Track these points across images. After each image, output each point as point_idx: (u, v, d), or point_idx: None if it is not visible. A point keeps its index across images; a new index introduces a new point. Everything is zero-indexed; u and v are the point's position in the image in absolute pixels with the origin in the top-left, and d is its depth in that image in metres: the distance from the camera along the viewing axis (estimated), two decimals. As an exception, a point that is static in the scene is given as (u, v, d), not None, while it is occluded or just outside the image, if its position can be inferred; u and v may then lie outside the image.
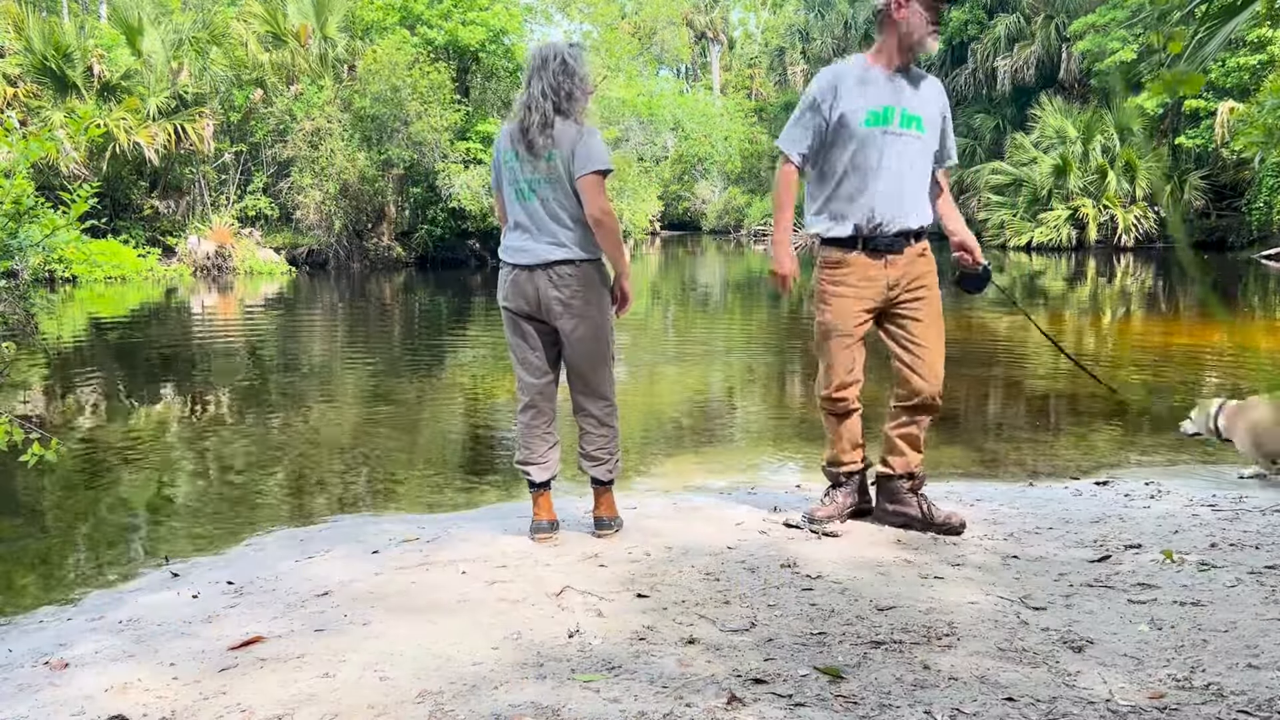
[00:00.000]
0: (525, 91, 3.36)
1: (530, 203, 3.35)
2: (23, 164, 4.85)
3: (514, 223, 3.42)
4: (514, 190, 3.39)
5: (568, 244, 3.35)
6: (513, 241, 3.43)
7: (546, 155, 3.31)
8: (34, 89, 19.97)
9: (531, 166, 3.33)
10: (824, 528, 3.50)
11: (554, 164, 3.31)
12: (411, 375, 8.82)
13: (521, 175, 3.35)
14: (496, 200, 3.52)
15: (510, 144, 3.38)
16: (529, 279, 3.38)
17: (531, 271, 3.38)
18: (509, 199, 3.42)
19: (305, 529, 4.07)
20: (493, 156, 3.50)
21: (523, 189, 3.36)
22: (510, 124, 3.43)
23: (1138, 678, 2.23)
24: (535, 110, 3.31)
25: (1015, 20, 30.57)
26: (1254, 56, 21.38)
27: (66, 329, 12.08)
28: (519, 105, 3.38)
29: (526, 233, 3.38)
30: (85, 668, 2.45)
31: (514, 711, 2.09)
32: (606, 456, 3.54)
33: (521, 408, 3.56)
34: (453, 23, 22.87)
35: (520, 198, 3.37)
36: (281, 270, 21.06)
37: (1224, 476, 4.76)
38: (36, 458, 3.98)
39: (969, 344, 10.10)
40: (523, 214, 3.38)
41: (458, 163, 21.83)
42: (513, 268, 3.43)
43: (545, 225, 3.36)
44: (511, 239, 3.44)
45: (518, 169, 3.36)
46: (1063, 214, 25.27)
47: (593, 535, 3.52)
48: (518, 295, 3.43)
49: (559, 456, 3.62)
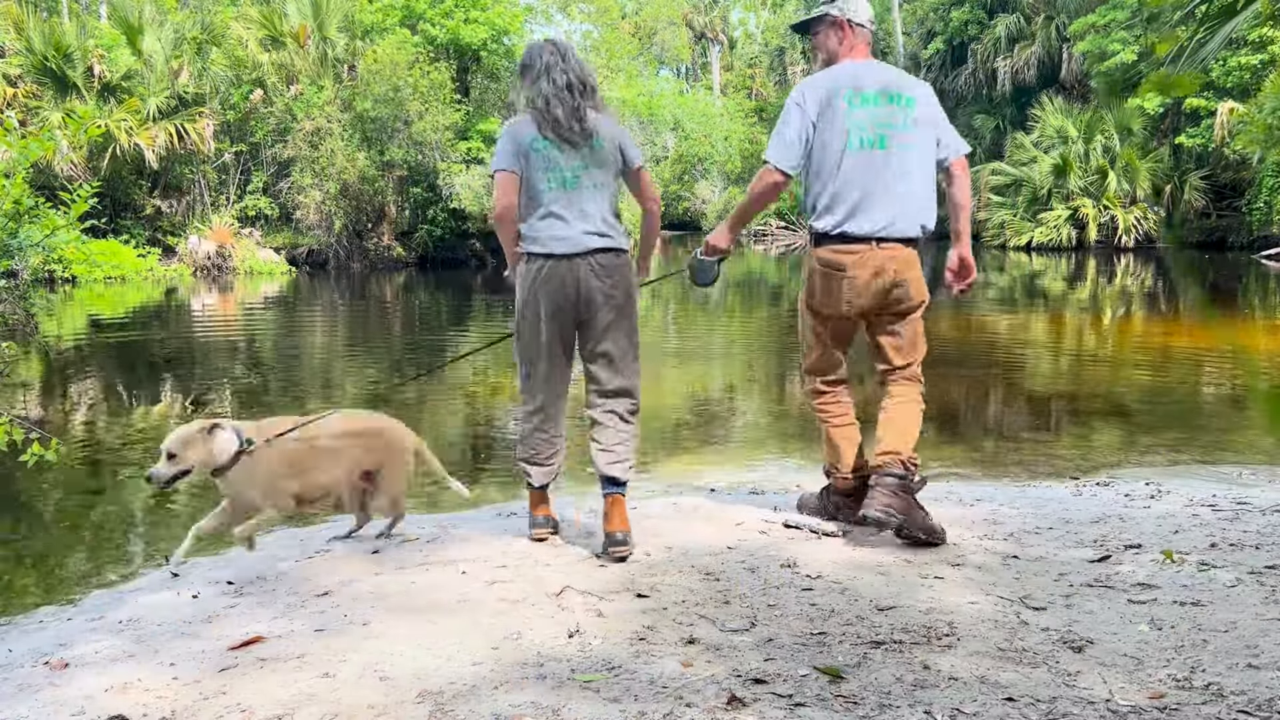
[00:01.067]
0: (545, 82, 3.26)
1: (573, 190, 3.25)
2: (23, 164, 4.85)
3: (546, 212, 3.26)
4: (556, 179, 3.25)
5: (609, 233, 3.29)
6: (546, 231, 3.26)
7: (592, 143, 3.26)
8: (34, 89, 19.97)
9: (575, 154, 3.25)
10: (824, 527, 3.51)
11: (600, 152, 3.27)
12: (411, 375, 8.81)
13: (565, 164, 3.24)
14: (509, 191, 3.28)
15: (541, 133, 3.25)
16: (569, 269, 3.24)
17: (571, 261, 3.24)
18: (543, 188, 3.25)
19: (305, 529, 4.07)
20: (507, 146, 3.28)
21: (567, 177, 3.25)
22: (530, 114, 3.29)
23: (1138, 678, 2.23)
24: (567, 101, 3.23)
25: (1015, 20, 30.57)
26: (1255, 56, 21.38)
27: (66, 329, 12.08)
28: (543, 95, 3.26)
29: (563, 221, 3.25)
30: (85, 668, 2.45)
31: (514, 711, 2.09)
32: (628, 454, 3.38)
33: (532, 410, 3.43)
34: (454, 21, 22.88)
35: (564, 186, 3.25)
36: (281, 270, 21.06)
37: (1224, 476, 4.76)
38: (36, 458, 3.98)
39: (969, 344, 10.11)
40: (562, 202, 3.25)
41: (458, 162, 21.83)
42: (546, 258, 3.26)
43: (588, 213, 3.26)
44: (543, 228, 3.27)
45: (559, 158, 3.24)
46: (1063, 214, 25.26)
47: (600, 555, 3.23)
48: (555, 288, 3.26)
49: (563, 460, 3.56)
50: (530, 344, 3.37)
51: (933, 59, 33.32)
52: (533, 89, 3.31)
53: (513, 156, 3.27)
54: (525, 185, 3.28)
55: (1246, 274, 18.49)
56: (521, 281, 3.33)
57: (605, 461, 3.34)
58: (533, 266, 3.29)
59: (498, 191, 3.30)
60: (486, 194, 21.63)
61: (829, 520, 3.59)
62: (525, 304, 3.32)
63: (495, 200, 3.31)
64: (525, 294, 3.31)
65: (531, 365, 3.41)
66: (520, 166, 3.27)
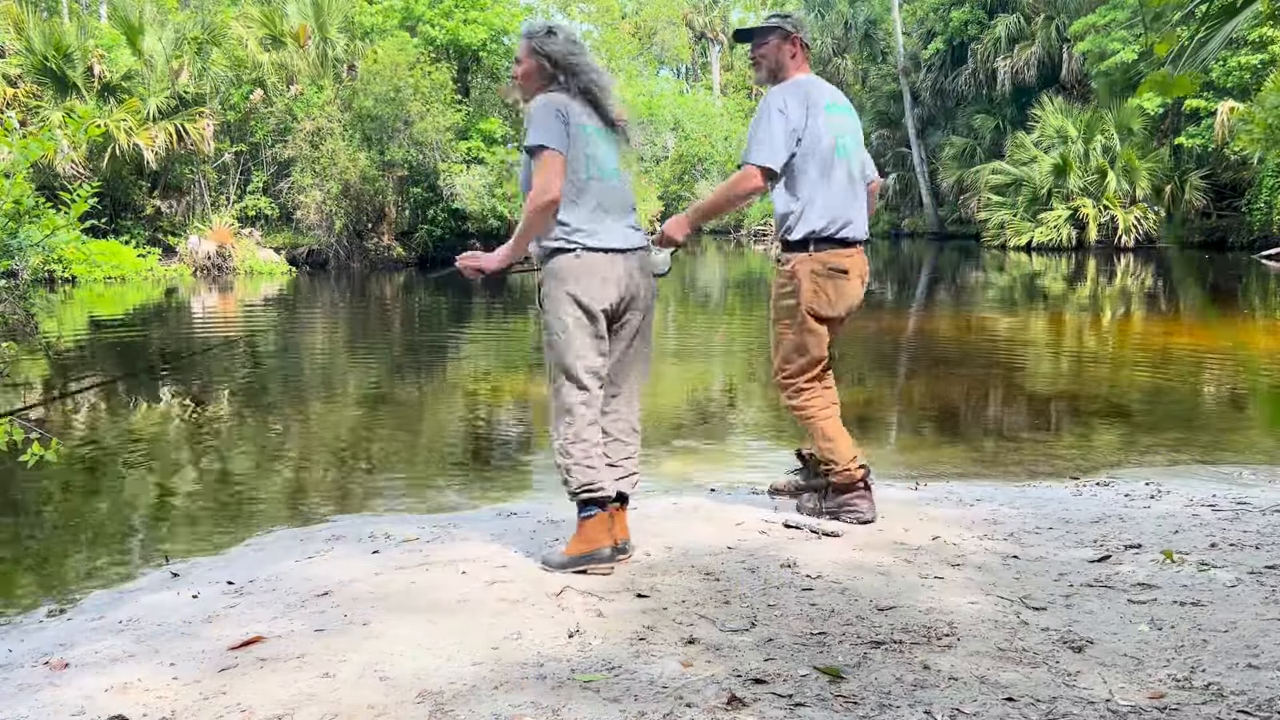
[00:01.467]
0: (579, 62, 3.05)
1: (614, 182, 3.07)
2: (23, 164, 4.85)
3: (596, 204, 3.01)
4: (599, 169, 3.03)
5: (639, 229, 3.15)
6: (596, 224, 3.00)
7: (625, 137, 3.14)
8: (34, 89, 19.98)
9: (615, 146, 3.11)
10: (823, 527, 3.51)
11: (627, 147, 3.16)
12: (412, 375, 8.82)
13: (607, 154, 3.07)
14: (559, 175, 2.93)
15: (587, 119, 3.04)
16: (624, 265, 3.03)
17: (625, 256, 3.04)
18: (589, 176, 3.01)
19: (305, 529, 4.07)
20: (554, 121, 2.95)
21: (608, 169, 3.06)
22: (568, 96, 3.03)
23: (1138, 678, 2.23)
24: (605, 89, 3.07)
25: (1015, 20, 30.58)
26: (1255, 56, 21.39)
27: (66, 329, 12.08)
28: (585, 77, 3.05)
29: (609, 215, 3.04)
30: (85, 668, 2.45)
31: (514, 711, 2.09)
32: (635, 468, 3.21)
33: (586, 423, 3.03)
34: (454, 21, 22.90)
35: (606, 177, 3.04)
36: (281, 270, 21.07)
37: (1224, 476, 4.76)
38: (36, 458, 3.98)
39: (968, 344, 10.11)
40: (606, 194, 3.03)
41: (459, 162, 21.84)
42: (599, 253, 3.00)
43: (626, 208, 3.10)
44: (592, 221, 3.00)
45: (604, 148, 3.06)
46: (1063, 214, 25.27)
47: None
48: (608, 285, 3.00)
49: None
50: (584, 347, 3.01)
51: (933, 59, 33.31)
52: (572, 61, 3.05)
53: (562, 135, 2.95)
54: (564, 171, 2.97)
55: (1247, 274, 18.50)
56: (565, 278, 2.98)
57: (614, 477, 3.11)
58: (583, 263, 2.97)
59: (548, 174, 2.92)
60: (487, 194, 21.66)
61: (831, 520, 3.59)
62: (575, 302, 2.98)
63: (544, 183, 2.92)
64: (576, 291, 2.97)
65: (583, 373, 3.02)
66: (559, 141, 2.95)
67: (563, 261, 2.98)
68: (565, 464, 3.03)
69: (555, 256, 3.00)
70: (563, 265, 2.98)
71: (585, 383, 3.03)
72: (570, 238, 2.98)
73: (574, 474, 3.02)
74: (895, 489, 4.46)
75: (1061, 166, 25.37)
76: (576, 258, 2.97)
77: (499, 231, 23.20)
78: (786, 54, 3.56)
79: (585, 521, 3.05)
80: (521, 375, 8.86)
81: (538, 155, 2.94)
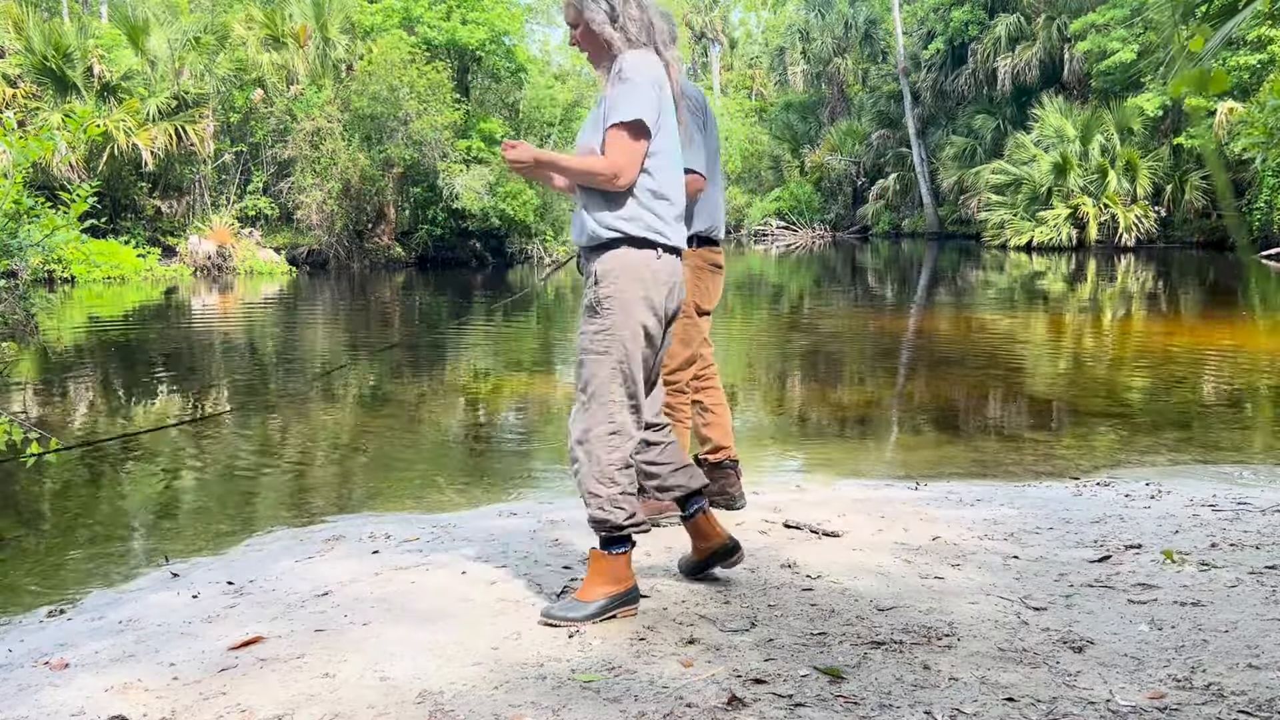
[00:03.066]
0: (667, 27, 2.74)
1: (679, 174, 2.74)
2: (23, 164, 4.85)
3: (664, 193, 2.64)
4: (675, 155, 2.71)
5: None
6: (670, 217, 2.66)
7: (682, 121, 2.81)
8: (33, 89, 19.98)
9: (684, 133, 2.81)
10: (823, 527, 3.51)
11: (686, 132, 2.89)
12: (412, 375, 8.82)
13: (681, 139, 2.77)
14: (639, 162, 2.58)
15: (673, 97, 2.70)
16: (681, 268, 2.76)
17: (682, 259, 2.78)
18: (670, 162, 2.67)
19: (305, 529, 4.07)
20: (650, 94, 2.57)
21: (676, 156, 2.74)
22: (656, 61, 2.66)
23: (1138, 678, 2.22)
24: (679, 65, 2.76)
25: (1016, 20, 30.58)
26: (1254, 56, 21.38)
27: (66, 329, 12.08)
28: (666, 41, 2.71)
29: (677, 210, 2.70)
30: (85, 668, 2.45)
31: (514, 711, 2.09)
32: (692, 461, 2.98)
33: (633, 447, 2.67)
34: (452, 22, 22.90)
35: (674, 166, 2.70)
36: (281, 270, 21.08)
37: (1224, 476, 4.76)
38: (36, 458, 3.98)
39: (968, 344, 10.11)
40: (675, 186, 2.69)
41: (458, 162, 21.84)
42: (676, 254, 2.69)
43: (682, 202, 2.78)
44: (668, 214, 2.66)
45: (680, 131, 2.74)
46: (1063, 213, 25.26)
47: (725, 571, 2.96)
48: (675, 289, 2.70)
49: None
50: (646, 357, 2.67)
51: (933, 59, 33.32)
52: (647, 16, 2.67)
53: (656, 112, 2.59)
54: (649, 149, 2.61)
55: (1247, 274, 18.49)
56: (638, 278, 2.60)
57: (689, 477, 2.81)
58: (661, 264, 2.63)
59: (634, 157, 2.57)
60: (488, 193, 21.65)
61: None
62: (649, 306, 2.62)
63: (623, 168, 2.55)
64: (650, 294, 2.62)
65: (640, 389, 2.66)
66: (654, 116, 2.59)
67: (634, 256, 2.60)
68: (609, 494, 2.61)
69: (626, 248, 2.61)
70: (635, 261, 2.60)
71: (640, 401, 2.66)
72: (640, 231, 2.60)
73: (621, 504, 2.62)
74: (895, 489, 4.46)
75: (1062, 166, 25.35)
76: (658, 258, 2.62)
77: (499, 231, 23.22)
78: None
79: (618, 557, 2.65)
80: (521, 375, 8.86)
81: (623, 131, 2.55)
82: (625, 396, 2.63)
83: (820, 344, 10.65)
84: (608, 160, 2.56)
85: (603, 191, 2.60)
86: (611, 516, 2.61)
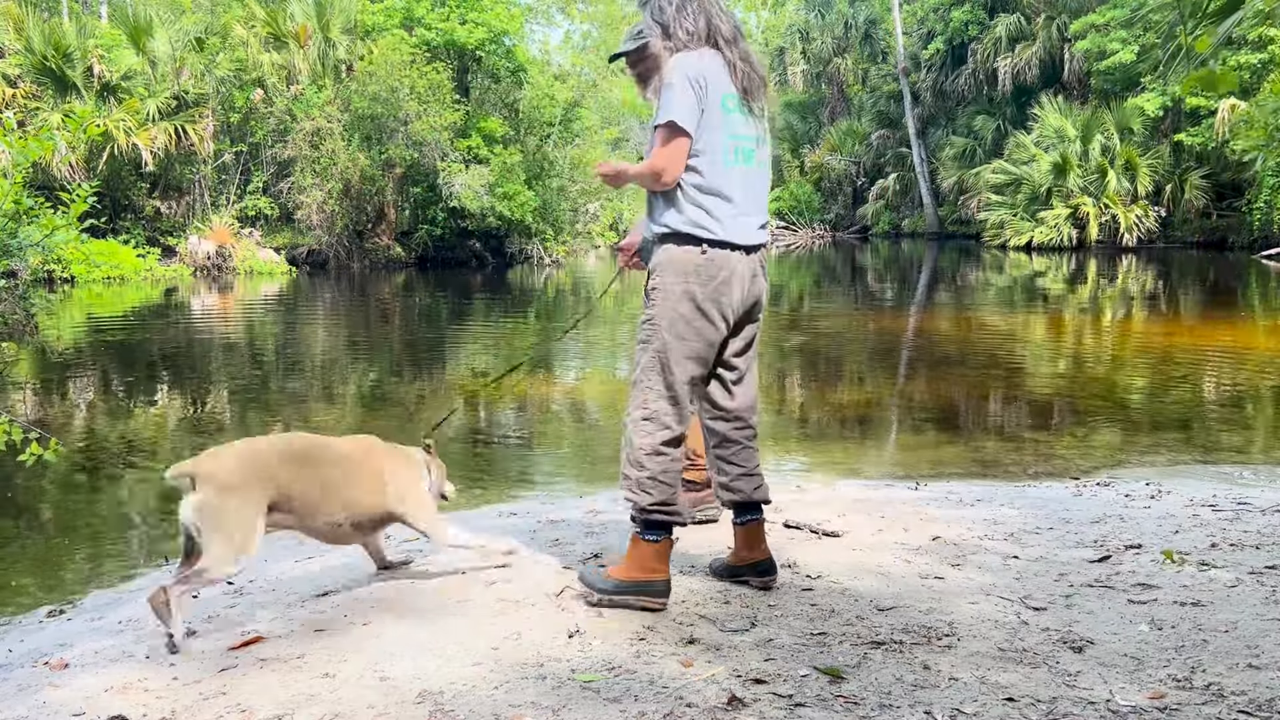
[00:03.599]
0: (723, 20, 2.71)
1: (749, 167, 2.70)
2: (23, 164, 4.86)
3: (714, 189, 2.65)
4: (739, 152, 2.68)
5: (767, 226, 2.80)
6: (724, 213, 2.65)
7: (762, 116, 2.76)
8: (33, 89, 19.98)
9: (755, 125, 2.72)
10: (824, 527, 3.51)
11: (766, 125, 2.79)
12: (412, 375, 8.82)
13: (744, 132, 2.69)
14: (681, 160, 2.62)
15: (729, 86, 2.67)
16: (746, 265, 2.69)
17: (749, 255, 2.70)
18: (724, 160, 2.65)
19: (305, 529, 4.07)
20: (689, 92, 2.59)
21: (744, 149, 2.69)
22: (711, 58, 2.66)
23: (1138, 678, 2.22)
24: (748, 60, 2.70)
25: (1016, 20, 30.57)
26: (1255, 55, 21.39)
27: (66, 329, 12.08)
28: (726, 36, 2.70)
29: (735, 206, 2.67)
30: (85, 668, 2.45)
31: (514, 711, 2.09)
32: (762, 472, 2.94)
33: (668, 440, 2.68)
34: (450, 23, 22.90)
35: (740, 159, 2.68)
36: (281, 270, 21.07)
37: (1224, 476, 4.76)
38: (36, 457, 3.98)
39: (968, 344, 10.11)
40: (737, 181, 2.67)
41: (458, 162, 21.84)
42: (728, 249, 2.65)
43: (758, 200, 2.73)
44: (721, 210, 2.65)
45: (740, 123, 2.68)
46: (1063, 213, 25.25)
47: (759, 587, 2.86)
48: (730, 287, 2.66)
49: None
50: (692, 350, 2.67)
51: (933, 59, 33.31)
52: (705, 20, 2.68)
53: (696, 111, 2.60)
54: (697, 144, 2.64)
55: (1247, 274, 18.50)
56: (681, 271, 2.64)
57: (750, 486, 2.84)
58: (709, 259, 2.64)
59: (673, 157, 2.61)
60: (487, 193, 21.65)
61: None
62: (689, 298, 2.64)
63: (663, 168, 2.61)
64: (691, 286, 2.64)
65: (680, 380, 2.68)
66: (696, 125, 2.62)
67: (678, 253, 2.66)
68: (637, 477, 2.67)
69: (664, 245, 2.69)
70: (678, 257, 2.66)
71: (681, 394, 2.69)
72: (688, 228, 2.64)
73: (648, 489, 2.66)
74: (895, 489, 4.46)
75: (1061, 166, 25.36)
76: (690, 249, 2.65)
77: (499, 231, 23.22)
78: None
79: (646, 545, 2.68)
80: (520, 375, 8.86)
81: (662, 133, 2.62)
82: (662, 386, 2.68)
83: (820, 344, 10.65)
84: (650, 162, 2.65)
85: (658, 191, 2.70)
86: (637, 498, 2.68)
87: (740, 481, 2.84)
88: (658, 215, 2.71)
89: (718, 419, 2.86)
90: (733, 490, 2.84)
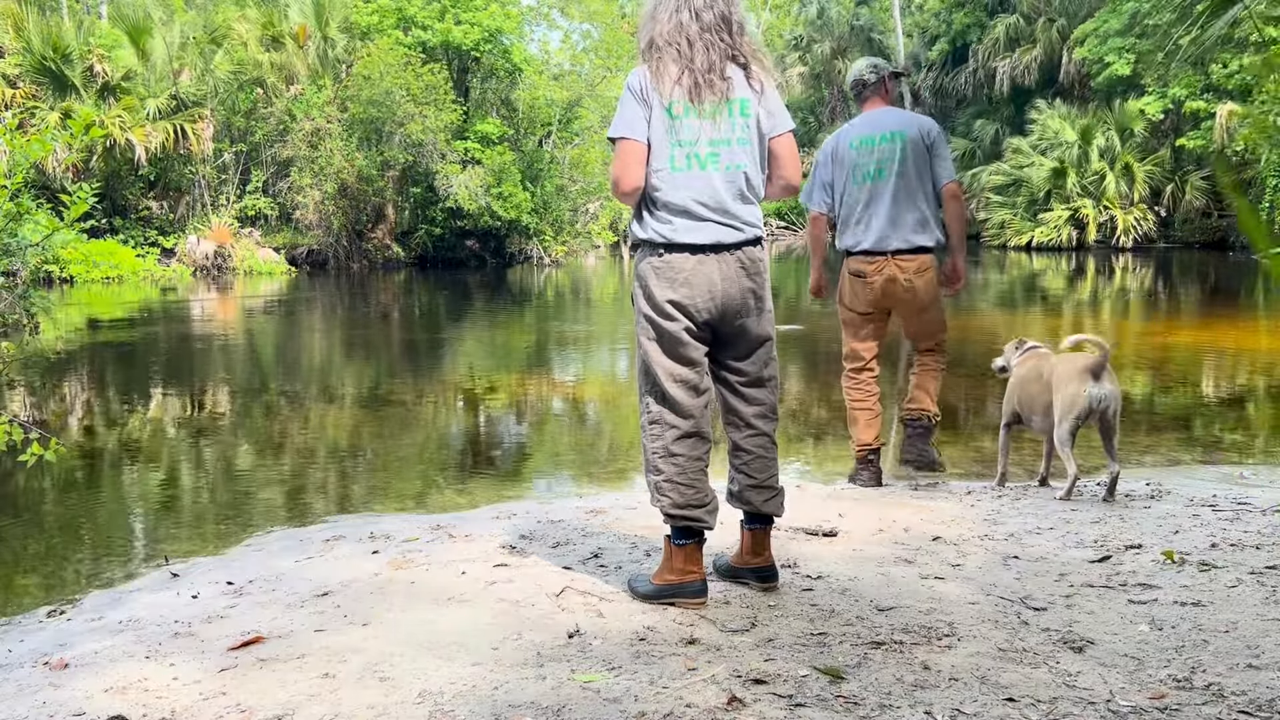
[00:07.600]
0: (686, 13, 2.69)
1: (709, 170, 2.68)
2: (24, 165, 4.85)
3: (665, 199, 2.69)
4: (686, 155, 2.68)
5: (755, 222, 2.76)
6: (678, 219, 2.68)
7: (734, 107, 2.68)
8: (33, 89, 19.98)
9: (718, 124, 2.67)
10: (823, 527, 3.51)
11: (746, 120, 2.70)
12: (411, 375, 8.82)
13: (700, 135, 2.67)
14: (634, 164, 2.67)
15: (673, 93, 2.65)
16: (715, 265, 2.68)
17: (717, 255, 2.69)
18: (669, 165, 2.68)
19: (305, 529, 4.07)
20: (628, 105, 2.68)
21: (697, 154, 2.67)
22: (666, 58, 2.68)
23: (1138, 678, 2.22)
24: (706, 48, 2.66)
25: (1016, 22, 30.57)
26: (1256, 57, 21.35)
27: (65, 329, 12.08)
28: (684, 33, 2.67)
29: (691, 210, 2.68)
30: (85, 668, 2.45)
31: (514, 712, 2.09)
32: (780, 485, 2.88)
33: (676, 436, 2.72)
34: (445, 23, 22.89)
35: (692, 163, 2.68)
36: (281, 270, 21.08)
37: (1224, 476, 4.76)
38: (36, 458, 3.98)
39: (968, 344, 10.10)
40: (695, 186, 2.68)
41: (456, 162, 21.84)
42: (685, 251, 2.68)
43: (725, 199, 2.70)
44: (675, 216, 2.68)
45: (691, 128, 2.66)
46: (1062, 214, 25.29)
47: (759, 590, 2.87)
48: (690, 287, 2.67)
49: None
50: (667, 348, 2.73)
51: (934, 60, 33.32)
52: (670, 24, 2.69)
53: (637, 119, 2.66)
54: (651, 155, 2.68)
55: (1247, 274, 18.50)
56: (643, 275, 2.73)
57: (761, 499, 2.83)
58: (665, 258, 2.69)
59: (622, 165, 2.68)
60: (485, 193, 21.66)
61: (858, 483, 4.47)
62: (649, 299, 2.71)
63: (616, 177, 2.70)
64: (650, 288, 2.70)
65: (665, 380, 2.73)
66: (645, 132, 2.66)
67: (649, 261, 2.72)
68: (653, 480, 2.75)
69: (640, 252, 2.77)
70: (650, 265, 2.72)
71: (670, 393, 2.72)
72: (647, 234, 2.71)
73: (665, 492, 2.72)
74: (896, 489, 4.47)
75: (1061, 168, 25.38)
76: (650, 255, 2.71)
77: (498, 231, 23.21)
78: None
79: (677, 549, 2.74)
80: (520, 375, 8.86)
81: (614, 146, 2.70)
82: (652, 388, 2.77)
83: (820, 343, 10.64)
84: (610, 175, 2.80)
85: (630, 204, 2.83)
86: (658, 502, 2.76)
87: (750, 493, 2.85)
88: (630, 227, 2.84)
89: (730, 425, 2.89)
90: (742, 500, 2.87)
